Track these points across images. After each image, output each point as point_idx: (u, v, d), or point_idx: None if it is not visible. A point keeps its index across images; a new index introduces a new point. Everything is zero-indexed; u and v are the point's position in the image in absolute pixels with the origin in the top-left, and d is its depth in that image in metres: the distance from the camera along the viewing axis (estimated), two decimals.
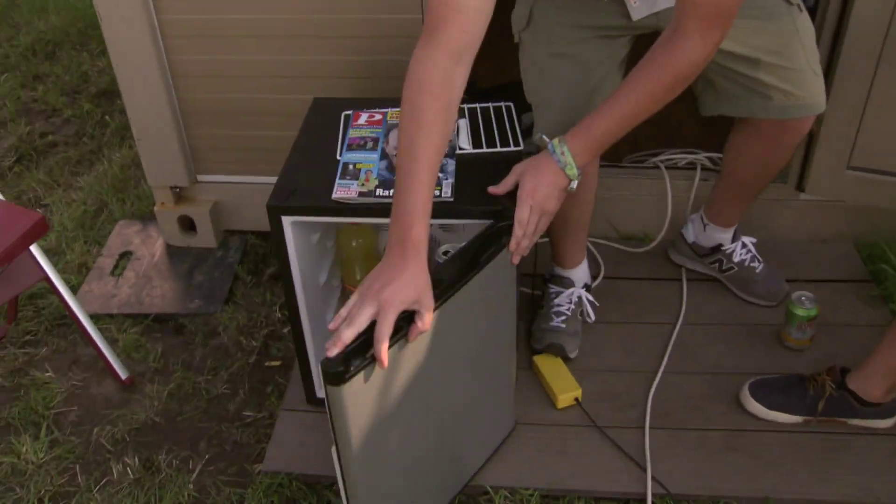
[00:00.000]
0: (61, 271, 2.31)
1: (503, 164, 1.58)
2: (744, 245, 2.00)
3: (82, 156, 2.85)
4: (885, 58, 1.82)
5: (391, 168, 1.56)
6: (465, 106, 1.73)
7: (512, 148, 1.62)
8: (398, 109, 1.70)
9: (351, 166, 1.57)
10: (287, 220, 1.53)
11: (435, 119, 1.28)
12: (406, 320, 1.23)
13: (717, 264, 2.03)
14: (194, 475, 1.77)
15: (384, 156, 1.59)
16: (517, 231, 1.41)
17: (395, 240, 1.25)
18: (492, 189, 1.48)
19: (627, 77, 1.40)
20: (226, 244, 2.39)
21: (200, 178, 2.32)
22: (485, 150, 1.62)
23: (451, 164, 1.56)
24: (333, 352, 1.18)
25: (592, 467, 1.67)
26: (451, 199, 1.49)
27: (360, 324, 1.19)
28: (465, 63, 1.31)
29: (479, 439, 1.65)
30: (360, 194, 1.51)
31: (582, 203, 1.76)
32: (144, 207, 2.54)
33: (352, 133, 1.66)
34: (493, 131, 1.66)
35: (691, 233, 2.06)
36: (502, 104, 1.74)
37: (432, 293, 1.25)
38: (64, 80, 3.28)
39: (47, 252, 2.39)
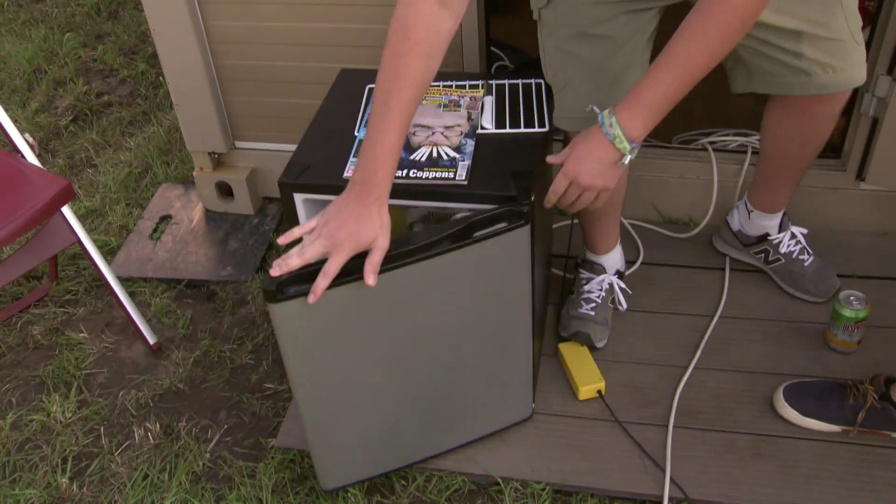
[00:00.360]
0: (103, 232, 2.37)
1: (526, 147, 1.51)
2: (793, 236, 1.87)
3: (134, 117, 2.88)
4: None
5: (408, 146, 1.50)
6: (493, 82, 1.65)
7: (537, 129, 1.53)
8: None
9: None
10: (299, 198, 1.49)
11: (414, 66, 1.24)
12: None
13: (762, 255, 1.91)
14: (211, 444, 1.78)
15: None
16: (550, 197, 1.40)
17: (359, 179, 1.27)
18: (550, 158, 1.42)
19: (677, 33, 1.26)
20: (263, 211, 2.38)
21: (238, 144, 2.31)
22: (508, 130, 1.54)
23: (471, 145, 1.50)
24: (275, 272, 1.24)
25: (609, 464, 1.61)
26: (465, 182, 1.42)
27: (309, 258, 1.25)
28: (454, 10, 1.26)
29: (475, 414, 1.63)
30: None
31: None
32: (187, 171, 2.55)
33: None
34: (519, 110, 1.58)
35: (736, 220, 1.94)
36: (532, 81, 1.65)
37: (389, 235, 1.27)
38: (123, 39, 3.31)
39: (91, 213, 2.44)
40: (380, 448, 1.58)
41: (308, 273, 1.25)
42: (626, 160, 1.35)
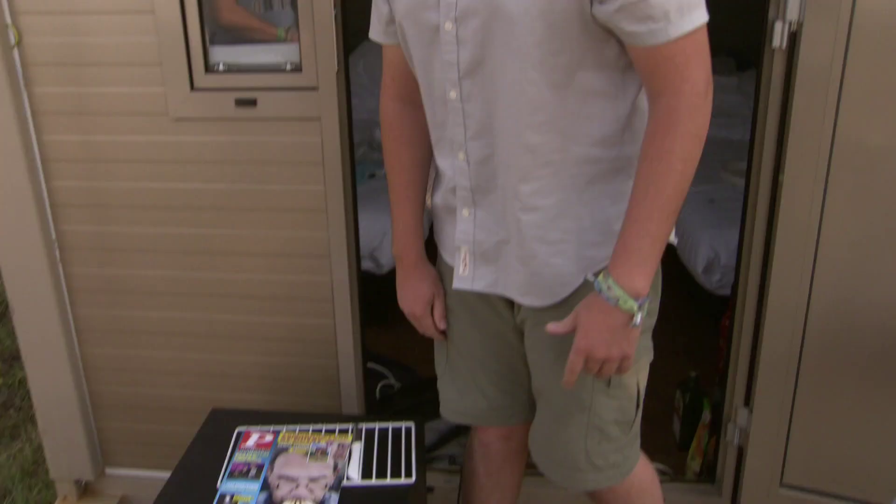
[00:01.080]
0: None
1: (390, 501, 1.47)
2: None
3: (2, 430, 2.73)
4: (805, 370, 1.78)
5: (270, 501, 1.45)
6: (364, 426, 1.65)
7: (403, 481, 1.51)
8: (292, 429, 1.64)
9: (228, 498, 1.46)
10: None
11: (402, 154, 1.47)
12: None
13: None
14: None
15: (265, 486, 1.49)
16: (569, 378, 1.28)
17: (396, 254, 1.52)
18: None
19: (637, 171, 1.22)
20: None
21: (109, 470, 2.19)
22: (374, 481, 1.51)
23: (334, 500, 1.45)
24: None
25: None
26: None
27: (430, 333, 1.54)
28: (414, 102, 1.42)
29: None
30: None
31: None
32: (52, 497, 2.38)
33: (237, 457, 1.57)
34: (387, 459, 1.56)
35: None
36: (402, 426, 1.65)
37: (440, 284, 1.51)
38: (5, 344, 3.24)
39: None
40: None
41: None
42: (638, 318, 1.23)
